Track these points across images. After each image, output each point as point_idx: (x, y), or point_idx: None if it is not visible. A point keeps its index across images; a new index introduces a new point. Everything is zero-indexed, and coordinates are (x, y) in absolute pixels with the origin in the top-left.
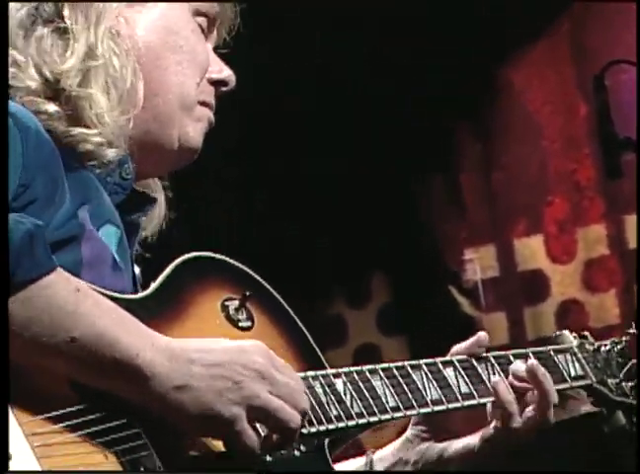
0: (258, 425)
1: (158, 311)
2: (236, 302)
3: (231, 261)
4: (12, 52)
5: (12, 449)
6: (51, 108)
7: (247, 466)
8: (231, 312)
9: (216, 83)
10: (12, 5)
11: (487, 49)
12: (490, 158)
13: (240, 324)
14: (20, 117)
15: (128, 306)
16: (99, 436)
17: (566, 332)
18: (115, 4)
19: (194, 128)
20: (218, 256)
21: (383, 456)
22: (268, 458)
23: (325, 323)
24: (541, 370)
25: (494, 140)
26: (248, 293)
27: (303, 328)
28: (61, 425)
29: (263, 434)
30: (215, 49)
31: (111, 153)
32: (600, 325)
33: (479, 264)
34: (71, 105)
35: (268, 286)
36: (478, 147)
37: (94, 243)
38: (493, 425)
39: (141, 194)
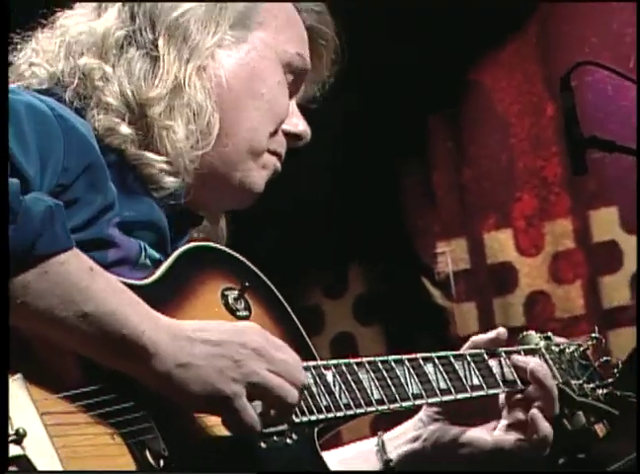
0: (257, 402)
1: (161, 298)
2: (235, 292)
3: (231, 251)
4: (104, 66)
5: (26, 427)
6: (125, 130)
7: (247, 448)
8: (230, 301)
9: (290, 135)
10: (113, 24)
11: (458, 51)
12: (461, 155)
13: (238, 313)
14: (67, 118)
15: (134, 291)
16: (108, 418)
17: (532, 332)
18: (208, 43)
19: (258, 174)
20: (219, 246)
21: (394, 436)
22: (262, 445)
23: (303, 312)
24: (543, 369)
25: (465, 138)
26: (247, 284)
27: (296, 320)
28: (73, 405)
29: (260, 411)
30: (303, 104)
31: (170, 182)
32: (565, 315)
33: (451, 256)
34: (150, 131)
35: (264, 278)
36: (450, 145)
37: (120, 248)
38: (507, 422)
39: (190, 212)
